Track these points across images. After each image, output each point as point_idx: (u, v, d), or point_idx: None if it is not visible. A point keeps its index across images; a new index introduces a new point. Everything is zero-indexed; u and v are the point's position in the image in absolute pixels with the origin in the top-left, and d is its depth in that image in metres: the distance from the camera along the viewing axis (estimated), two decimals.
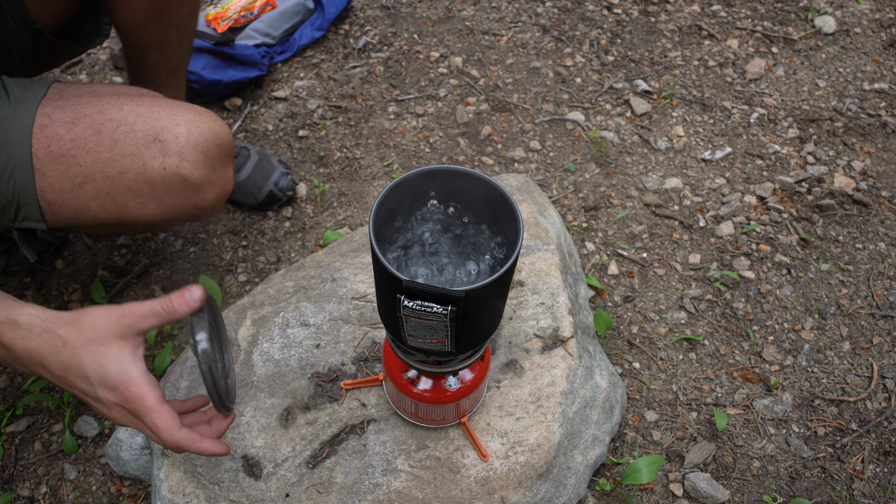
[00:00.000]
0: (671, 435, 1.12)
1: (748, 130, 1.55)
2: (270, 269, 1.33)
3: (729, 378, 1.18)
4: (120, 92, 0.95)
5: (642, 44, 1.73)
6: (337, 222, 1.40)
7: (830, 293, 1.29)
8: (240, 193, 1.37)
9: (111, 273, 1.31)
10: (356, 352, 0.98)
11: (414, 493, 0.87)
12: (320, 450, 0.90)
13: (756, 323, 1.25)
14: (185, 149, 0.89)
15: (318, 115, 1.59)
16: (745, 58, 1.70)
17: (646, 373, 1.18)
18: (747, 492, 1.06)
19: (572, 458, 0.95)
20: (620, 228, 1.38)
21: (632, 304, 1.27)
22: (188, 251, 1.35)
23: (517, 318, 1.02)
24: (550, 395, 0.94)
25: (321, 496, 0.87)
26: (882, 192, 1.43)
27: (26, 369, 0.70)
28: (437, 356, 0.72)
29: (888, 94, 1.61)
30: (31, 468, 1.10)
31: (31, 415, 1.15)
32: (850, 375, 1.19)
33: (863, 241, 1.36)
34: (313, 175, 1.48)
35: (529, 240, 1.10)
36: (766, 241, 1.36)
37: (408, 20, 1.79)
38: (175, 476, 0.89)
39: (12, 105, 0.86)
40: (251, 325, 1.02)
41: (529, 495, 0.89)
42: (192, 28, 1.14)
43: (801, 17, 1.79)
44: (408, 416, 0.90)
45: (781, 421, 1.13)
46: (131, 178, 0.88)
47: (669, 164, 1.49)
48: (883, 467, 1.09)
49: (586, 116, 1.58)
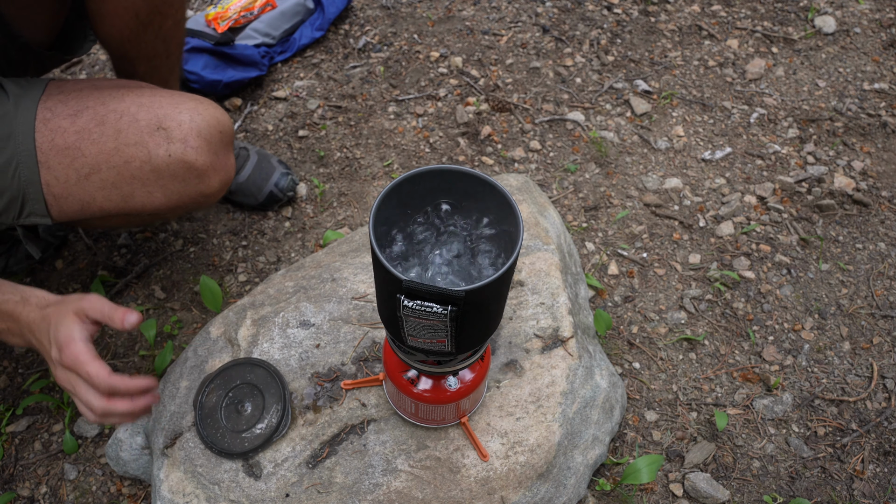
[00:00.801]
0: (671, 435, 1.12)
1: (748, 130, 1.55)
2: (270, 269, 1.33)
3: (729, 378, 1.18)
4: (119, 84, 0.95)
5: (642, 44, 1.73)
6: (337, 222, 1.40)
7: (830, 293, 1.29)
8: (240, 194, 1.37)
9: (111, 273, 1.31)
10: (356, 352, 0.98)
11: (414, 493, 0.87)
12: (320, 450, 0.90)
13: (756, 323, 1.25)
14: (189, 135, 0.89)
15: (318, 115, 1.59)
16: (745, 58, 1.70)
17: (646, 373, 1.18)
18: (747, 492, 1.06)
19: (572, 458, 0.95)
20: (620, 228, 1.38)
21: (632, 304, 1.27)
22: (188, 251, 1.35)
23: (517, 318, 1.02)
24: (550, 395, 0.94)
25: (321, 496, 0.87)
26: (882, 192, 1.43)
27: (22, 338, 0.84)
28: (437, 356, 0.72)
29: (888, 94, 1.61)
30: (31, 468, 1.10)
31: (31, 415, 1.15)
32: (850, 375, 1.19)
33: (863, 241, 1.36)
34: (313, 175, 1.48)
35: (529, 240, 1.10)
36: (766, 241, 1.36)
37: (408, 20, 1.79)
38: (175, 476, 0.89)
39: (12, 101, 0.86)
40: (251, 325, 1.02)
41: (529, 495, 0.89)
42: (179, 39, 1.13)
43: (801, 17, 1.79)
44: (408, 416, 0.90)
45: (781, 421, 1.13)
46: (137, 166, 0.88)
47: (669, 164, 1.49)
48: (883, 467, 1.09)
49: (586, 116, 1.58)
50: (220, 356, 0.99)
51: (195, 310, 1.26)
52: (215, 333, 1.03)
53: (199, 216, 1.40)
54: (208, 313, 1.25)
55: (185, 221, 1.40)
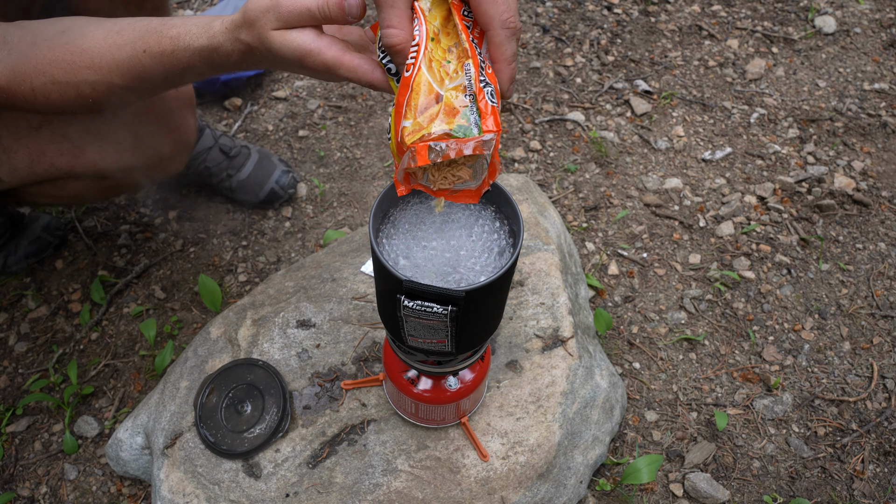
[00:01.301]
0: (671, 435, 1.11)
1: (748, 130, 1.55)
2: (270, 269, 1.33)
3: (729, 378, 1.18)
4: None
5: (642, 44, 1.73)
6: (337, 222, 1.40)
7: (830, 293, 1.29)
8: (241, 192, 1.37)
9: (111, 273, 1.31)
10: (356, 352, 0.98)
11: (414, 493, 0.87)
12: (320, 450, 0.90)
13: (756, 323, 1.25)
14: None
15: (318, 115, 1.59)
16: (745, 58, 1.70)
17: (646, 373, 1.18)
18: (747, 492, 1.06)
19: (572, 459, 0.95)
20: (620, 228, 1.38)
21: (632, 304, 1.27)
22: (188, 251, 1.35)
23: (517, 318, 1.02)
24: (550, 395, 0.94)
25: (321, 496, 0.87)
26: (882, 192, 1.43)
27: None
28: (437, 356, 0.72)
29: (888, 94, 1.61)
30: (31, 468, 1.10)
31: (31, 415, 1.15)
32: (850, 375, 1.19)
33: (863, 241, 1.36)
34: (313, 175, 1.48)
35: (529, 240, 1.10)
36: (766, 241, 1.36)
37: None
38: (175, 476, 0.89)
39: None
40: (251, 325, 1.02)
41: (529, 495, 0.89)
42: None
43: (801, 17, 1.79)
44: (408, 416, 0.90)
45: (781, 421, 1.13)
46: (87, 116, 0.85)
47: (669, 164, 1.49)
48: (883, 467, 1.09)
49: (586, 116, 1.58)
50: (220, 356, 0.99)
51: (195, 310, 1.26)
52: (215, 333, 1.02)
53: (199, 216, 1.40)
54: (208, 313, 1.25)
55: (186, 221, 1.40)
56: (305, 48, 0.59)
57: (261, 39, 0.61)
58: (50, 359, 1.20)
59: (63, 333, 1.23)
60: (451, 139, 0.52)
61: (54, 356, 1.20)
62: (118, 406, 1.15)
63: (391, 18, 0.54)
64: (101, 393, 1.17)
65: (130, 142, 0.89)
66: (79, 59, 0.73)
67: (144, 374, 1.18)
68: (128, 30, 0.71)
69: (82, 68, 0.72)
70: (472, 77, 0.53)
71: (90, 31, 0.73)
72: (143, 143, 0.90)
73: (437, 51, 0.55)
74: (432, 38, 0.55)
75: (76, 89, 0.74)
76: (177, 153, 0.94)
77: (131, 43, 0.71)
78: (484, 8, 0.55)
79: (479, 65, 0.54)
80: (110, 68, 0.73)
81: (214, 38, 0.66)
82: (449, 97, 0.52)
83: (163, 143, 0.91)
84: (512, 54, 0.57)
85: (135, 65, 0.72)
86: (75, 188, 0.98)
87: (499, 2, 0.55)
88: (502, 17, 0.55)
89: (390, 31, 0.54)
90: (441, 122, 0.52)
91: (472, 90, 0.53)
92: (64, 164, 0.88)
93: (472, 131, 0.52)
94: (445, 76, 0.54)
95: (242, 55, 0.65)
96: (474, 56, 0.54)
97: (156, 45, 0.69)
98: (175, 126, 0.92)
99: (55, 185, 0.95)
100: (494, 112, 0.53)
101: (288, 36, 0.60)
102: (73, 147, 0.87)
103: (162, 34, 0.69)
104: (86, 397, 1.16)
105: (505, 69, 0.57)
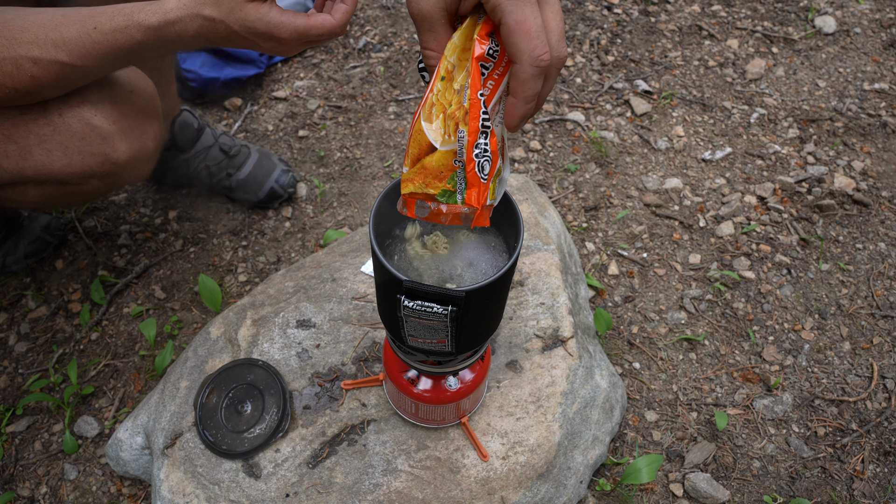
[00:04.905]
0: (671, 435, 1.12)
1: (748, 130, 1.55)
2: (270, 269, 1.33)
3: (729, 378, 1.18)
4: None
5: (642, 44, 1.73)
6: (337, 222, 1.40)
7: (830, 293, 1.29)
8: (241, 191, 1.37)
9: (111, 273, 1.31)
10: (356, 352, 0.98)
11: (414, 493, 0.87)
12: (320, 450, 0.90)
13: (756, 323, 1.25)
14: (89, 88, 0.82)
15: (318, 115, 1.59)
16: (745, 58, 1.70)
17: (646, 373, 1.18)
18: (747, 492, 1.06)
19: (572, 459, 0.95)
20: (620, 228, 1.38)
21: (632, 304, 1.27)
22: (188, 251, 1.35)
23: (517, 318, 1.02)
24: (550, 395, 0.94)
25: (321, 496, 0.87)
26: (882, 192, 1.43)
27: None
28: (437, 356, 0.72)
29: (888, 94, 1.61)
30: (31, 468, 1.10)
31: (31, 415, 1.15)
32: (850, 375, 1.19)
33: (863, 241, 1.36)
34: (313, 175, 1.48)
35: (529, 240, 1.10)
36: (766, 241, 1.36)
37: (408, 20, 1.79)
38: (175, 476, 0.89)
39: None
40: (251, 325, 1.02)
41: (529, 495, 0.89)
42: None
43: (801, 17, 1.79)
44: (408, 417, 0.90)
45: (781, 421, 1.13)
46: (31, 117, 0.81)
47: (669, 164, 1.49)
48: (883, 467, 1.09)
49: (586, 116, 1.58)
50: (220, 356, 0.99)
51: (195, 310, 1.26)
52: (215, 333, 1.02)
53: (199, 216, 1.40)
54: (208, 313, 1.25)
55: (186, 221, 1.40)
56: (277, 20, 0.67)
57: (232, 12, 0.67)
58: (50, 359, 1.20)
59: (63, 333, 1.23)
60: (434, 202, 0.55)
61: (54, 356, 1.20)
62: (118, 406, 1.15)
63: (428, 41, 0.56)
64: (101, 393, 1.17)
65: (77, 146, 0.84)
66: (19, 35, 0.73)
67: (144, 374, 1.18)
68: (74, 12, 0.73)
69: (23, 43, 0.72)
70: (465, 145, 0.52)
71: (33, 14, 0.74)
72: (92, 148, 0.85)
73: (446, 92, 0.53)
74: (443, 76, 0.53)
75: (16, 66, 0.73)
76: (134, 160, 0.89)
77: (80, 21, 0.72)
78: (514, 40, 0.50)
79: (477, 130, 0.51)
80: (56, 44, 0.73)
81: (169, 14, 0.70)
82: (442, 155, 0.54)
83: (115, 148, 0.86)
84: (533, 94, 0.52)
85: (84, 41, 0.73)
86: (36, 194, 0.93)
87: (532, 33, 0.49)
88: (533, 54, 0.50)
89: (427, 54, 0.57)
90: (429, 183, 0.55)
91: (461, 157, 0.53)
92: (12, 167, 0.84)
93: (456, 198, 0.54)
94: (445, 129, 0.53)
95: (200, 31, 0.70)
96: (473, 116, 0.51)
97: (108, 22, 0.72)
98: (129, 130, 0.87)
99: (14, 189, 0.91)
100: (480, 187, 0.53)
101: (262, 8, 0.67)
102: (19, 149, 0.83)
103: (116, 12, 0.72)
104: (86, 397, 1.16)
105: (519, 107, 0.52)
